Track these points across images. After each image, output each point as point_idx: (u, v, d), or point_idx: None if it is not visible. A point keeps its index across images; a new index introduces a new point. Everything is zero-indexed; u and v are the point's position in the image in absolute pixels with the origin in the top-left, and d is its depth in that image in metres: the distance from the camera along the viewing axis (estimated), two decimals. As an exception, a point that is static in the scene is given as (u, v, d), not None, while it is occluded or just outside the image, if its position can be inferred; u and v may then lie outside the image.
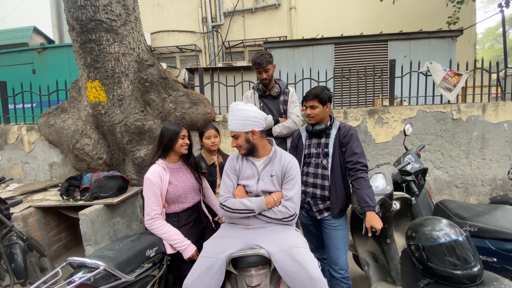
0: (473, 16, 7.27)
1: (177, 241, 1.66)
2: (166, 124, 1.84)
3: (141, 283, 1.47)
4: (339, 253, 1.76)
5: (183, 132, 1.79)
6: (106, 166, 3.01)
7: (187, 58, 8.27)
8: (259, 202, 1.50)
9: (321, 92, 1.77)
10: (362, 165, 1.71)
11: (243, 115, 1.57)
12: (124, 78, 2.82)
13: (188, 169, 1.88)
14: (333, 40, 5.67)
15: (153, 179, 1.65)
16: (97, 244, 2.37)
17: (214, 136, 2.20)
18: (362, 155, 1.73)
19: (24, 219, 2.54)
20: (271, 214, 1.50)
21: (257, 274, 1.38)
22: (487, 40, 21.69)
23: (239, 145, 1.59)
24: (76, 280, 1.21)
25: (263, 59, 2.18)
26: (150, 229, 1.66)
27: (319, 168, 1.81)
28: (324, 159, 1.80)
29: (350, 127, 1.81)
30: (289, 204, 1.51)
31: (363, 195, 1.63)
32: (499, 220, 1.72)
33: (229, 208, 1.51)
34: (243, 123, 1.57)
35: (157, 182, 1.65)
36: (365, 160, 1.73)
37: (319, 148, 1.83)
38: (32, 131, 3.43)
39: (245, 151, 1.60)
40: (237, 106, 1.60)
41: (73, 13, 2.62)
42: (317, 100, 1.77)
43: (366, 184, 1.66)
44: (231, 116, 1.59)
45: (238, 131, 1.57)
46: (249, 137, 1.57)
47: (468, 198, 3.39)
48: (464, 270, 1.12)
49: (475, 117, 3.33)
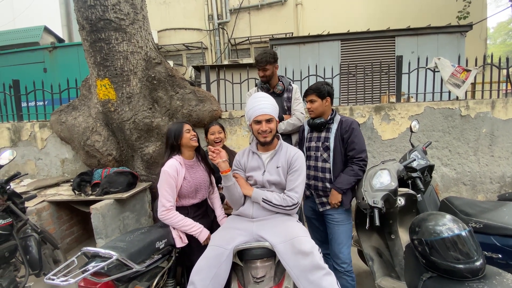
0: (483, 11, 7.10)
1: (191, 226, 1.70)
2: (168, 126, 1.89)
3: (151, 273, 1.53)
4: (341, 247, 1.79)
5: (186, 127, 1.82)
6: (116, 162, 3.09)
7: (193, 56, 8.32)
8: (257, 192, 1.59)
9: (320, 86, 1.83)
10: (358, 159, 1.79)
11: (273, 102, 1.63)
12: (133, 76, 2.88)
13: (201, 166, 1.92)
14: (340, 36, 5.62)
15: (170, 172, 1.69)
16: (108, 238, 2.45)
17: (218, 132, 2.27)
18: (361, 150, 1.79)
19: (38, 213, 2.64)
20: (275, 200, 1.55)
21: (262, 266, 1.42)
22: (499, 35, 21.11)
23: (270, 130, 1.58)
24: (90, 268, 1.27)
25: (263, 58, 2.22)
26: (165, 219, 1.68)
27: (319, 161, 1.86)
28: (325, 153, 1.84)
29: (352, 122, 1.84)
30: (292, 194, 1.55)
31: (339, 177, 1.79)
32: (505, 217, 1.71)
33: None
34: (275, 110, 1.63)
35: (174, 175, 1.70)
36: (364, 154, 1.80)
37: (318, 142, 1.88)
38: (45, 128, 3.54)
39: (271, 138, 1.61)
40: (264, 94, 1.67)
41: (83, 12, 2.68)
42: (315, 94, 1.82)
43: (348, 172, 1.79)
44: (263, 100, 1.61)
45: (273, 115, 1.60)
46: (276, 125, 1.63)
47: (476, 196, 3.36)
48: (466, 264, 1.13)
49: (484, 114, 3.28)
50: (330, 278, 1.28)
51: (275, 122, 1.61)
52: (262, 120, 1.57)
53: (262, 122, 1.57)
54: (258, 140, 1.63)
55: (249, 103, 1.65)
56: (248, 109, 1.64)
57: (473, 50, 6.14)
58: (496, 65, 3.44)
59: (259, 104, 1.59)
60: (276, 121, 1.63)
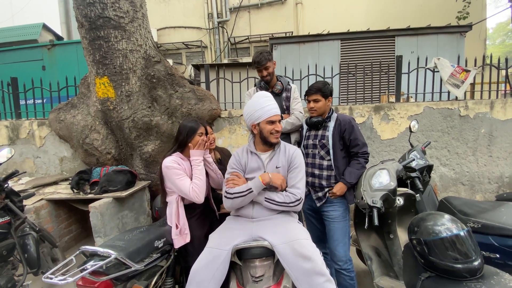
0: (483, 11, 7.12)
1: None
2: (184, 121, 1.87)
3: (150, 272, 1.53)
4: (337, 244, 1.81)
5: (200, 130, 1.81)
6: (115, 160, 3.08)
7: (193, 54, 8.30)
8: (254, 181, 1.55)
9: (323, 86, 1.87)
10: (363, 153, 1.86)
11: (276, 104, 1.65)
12: (132, 74, 2.87)
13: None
14: (340, 36, 5.62)
15: (173, 164, 1.69)
16: (106, 236, 2.45)
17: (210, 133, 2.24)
18: (364, 144, 1.87)
19: (37, 211, 2.63)
20: (278, 198, 1.54)
21: (261, 265, 1.42)
22: (498, 35, 21.17)
23: (278, 130, 1.61)
24: (89, 267, 1.27)
25: (262, 57, 2.23)
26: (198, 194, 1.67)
27: (316, 159, 1.91)
28: (322, 150, 1.89)
29: (349, 119, 1.88)
30: (294, 190, 1.57)
31: (346, 171, 1.84)
32: (503, 217, 1.72)
33: (229, 193, 1.56)
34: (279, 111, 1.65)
35: (177, 166, 1.70)
36: (367, 148, 1.87)
37: (316, 140, 1.93)
38: (43, 126, 3.52)
39: (278, 137, 1.65)
40: (268, 94, 1.67)
41: (82, 10, 2.67)
42: (320, 94, 1.86)
43: (355, 165, 1.84)
44: (272, 101, 1.63)
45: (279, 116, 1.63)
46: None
47: (474, 196, 3.37)
48: (464, 264, 1.14)
49: (483, 114, 3.29)
50: (330, 286, 1.28)
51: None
52: (275, 120, 1.60)
53: (276, 122, 1.60)
54: (269, 140, 1.62)
55: (256, 103, 1.62)
56: (256, 109, 1.61)
57: (472, 51, 6.15)
58: (495, 66, 3.45)
59: (269, 104, 1.61)
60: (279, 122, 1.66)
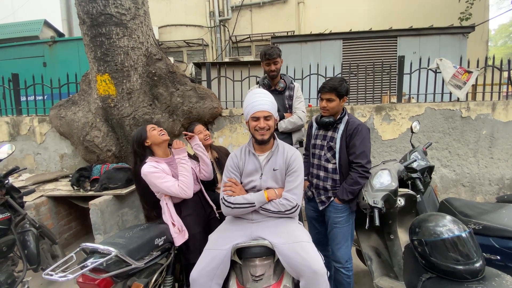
0: (486, 13, 7.10)
1: None
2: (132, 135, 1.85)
3: (150, 270, 1.53)
4: (339, 247, 1.79)
5: (149, 126, 1.77)
6: (115, 158, 3.08)
7: (194, 53, 8.29)
8: (259, 195, 1.51)
9: (340, 86, 1.69)
10: (358, 165, 1.70)
11: (272, 100, 1.58)
12: (133, 72, 2.87)
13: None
14: (342, 36, 5.61)
15: (150, 170, 1.65)
16: (106, 233, 2.45)
17: (204, 129, 2.23)
18: (361, 154, 1.69)
19: (37, 208, 2.63)
20: (273, 208, 1.49)
21: (261, 265, 1.42)
22: (500, 37, 21.13)
23: (269, 127, 1.52)
24: (89, 264, 1.26)
25: (273, 51, 2.21)
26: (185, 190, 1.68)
27: (322, 160, 1.82)
28: (328, 153, 1.79)
29: (358, 124, 1.74)
30: (290, 196, 1.50)
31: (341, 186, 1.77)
32: (504, 219, 1.72)
33: (230, 203, 1.51)
34: (274, 107, 1.57)
35: (156, 170, 1.66)
36: (364, 160, 1.69)
37: (324, 141, 1.83)
38: (44, 123, 3.52)
39: (269, 136, 1.55)
40: (263, 90, 1.61)
41: (83, 6, 2.66)
42: (334, 93, 1.70)
43: (348, 180, 1.73)
44: (263, 96, 1.54)
45: (272, 113, 1.54)
46: (274, 123, 1.58)
47: (474, 197, 3.37)
48: (466, 265, 1.13)
49: (484, 116, 3.29)
50: None
51: (273, 120, 1.55)
52: (260, 116, 1.50)
53: (260, 118, 1.50)
54: (255, 137, 1.56)
55: (247, 99, 1.58)
56: (246, 105, 1.57)
57: (474, 52, 6.14)
58: (497, 67, 3.44)
59: (257, 100, 1.53)
60: (275, 120, 1.57)
